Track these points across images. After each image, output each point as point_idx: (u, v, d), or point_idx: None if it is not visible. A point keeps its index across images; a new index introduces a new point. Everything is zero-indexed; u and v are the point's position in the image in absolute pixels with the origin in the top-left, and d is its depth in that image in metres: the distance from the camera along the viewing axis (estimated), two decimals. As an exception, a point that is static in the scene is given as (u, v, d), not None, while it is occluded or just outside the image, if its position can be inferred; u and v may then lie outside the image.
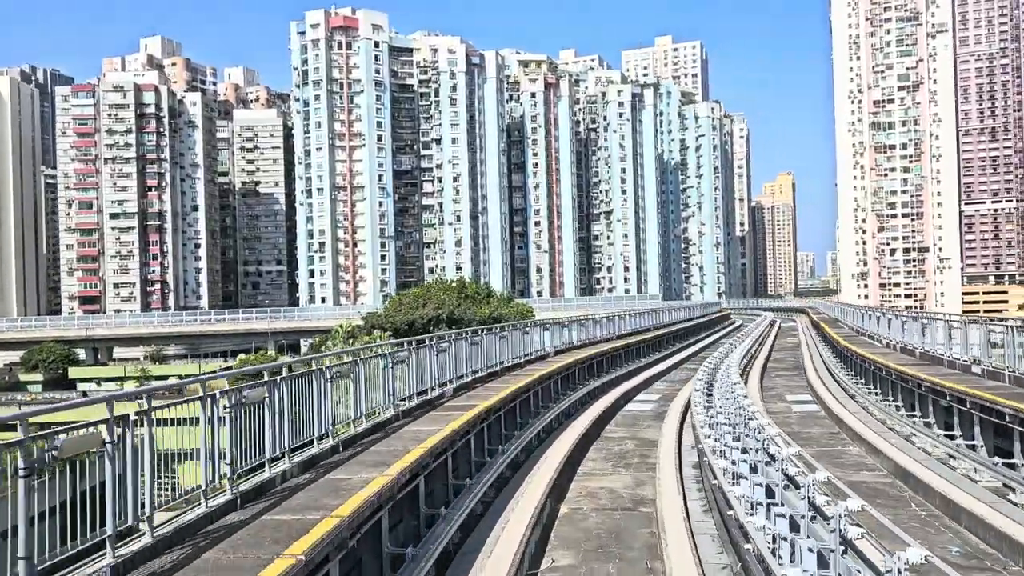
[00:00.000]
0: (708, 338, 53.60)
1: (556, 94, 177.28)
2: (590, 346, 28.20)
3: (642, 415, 21.24)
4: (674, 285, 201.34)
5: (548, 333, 25.61)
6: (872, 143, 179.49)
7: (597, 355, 26.03)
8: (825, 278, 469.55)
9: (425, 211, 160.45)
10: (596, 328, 30.14)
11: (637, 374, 29.67)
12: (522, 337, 24.27)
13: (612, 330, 32.50)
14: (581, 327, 28.91)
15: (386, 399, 13.60)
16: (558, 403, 20.85)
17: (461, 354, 18.07)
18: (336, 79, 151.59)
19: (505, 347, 21.84)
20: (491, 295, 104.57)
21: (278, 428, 9.57)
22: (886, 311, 33.12)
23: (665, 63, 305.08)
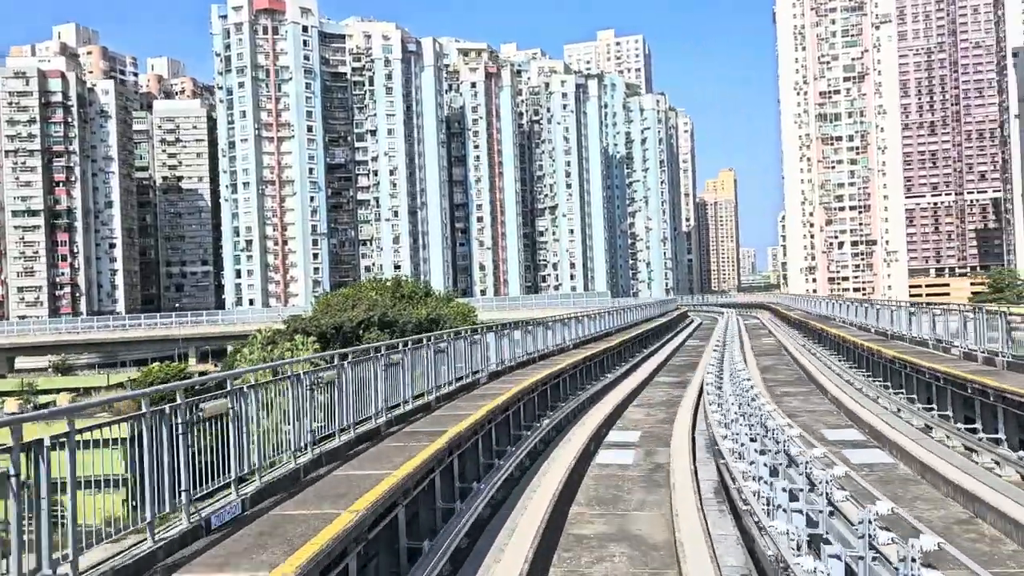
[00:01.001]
0: (672, 340, 46.82)
1: (497, 84, 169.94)
2: (540, 362, 20.80)
3: (624, 477, 13.86)
4: (621, 282, 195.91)
5: (494, 339, 18.13)
6: (819, 135, 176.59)
7: (552, 376, 18.67)
8: (766, 273, 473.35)
9: (360, 206, 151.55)
10: (548, 335, 22.71)
11: (603, 396, 22.46)
12: (468, 348, 16.90)
13: (567, 336, 25.11)
14: (527, 333, 21.41)
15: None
16: (499, 465, 13.37)
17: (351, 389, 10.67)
18: (262, 66, 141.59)
19: (444, 367, 14.66)
20: (429, 294, 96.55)
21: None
22: (901, 302, 26.73)
23: (608, 57, 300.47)
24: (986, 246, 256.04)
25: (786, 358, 34.27)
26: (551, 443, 15.91)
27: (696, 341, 49.15)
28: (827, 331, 30.04)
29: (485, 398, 14.17)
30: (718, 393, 16.89)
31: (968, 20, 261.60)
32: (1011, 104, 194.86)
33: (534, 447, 15.38)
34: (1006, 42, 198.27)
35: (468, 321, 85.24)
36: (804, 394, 23.03)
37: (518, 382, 16.20)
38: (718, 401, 16.19)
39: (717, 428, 13.97)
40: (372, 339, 76.72)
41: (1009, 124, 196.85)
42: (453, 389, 15.01)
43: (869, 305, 28.28)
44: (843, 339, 25.34)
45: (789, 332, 46.75)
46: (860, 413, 17.84)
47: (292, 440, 9.19)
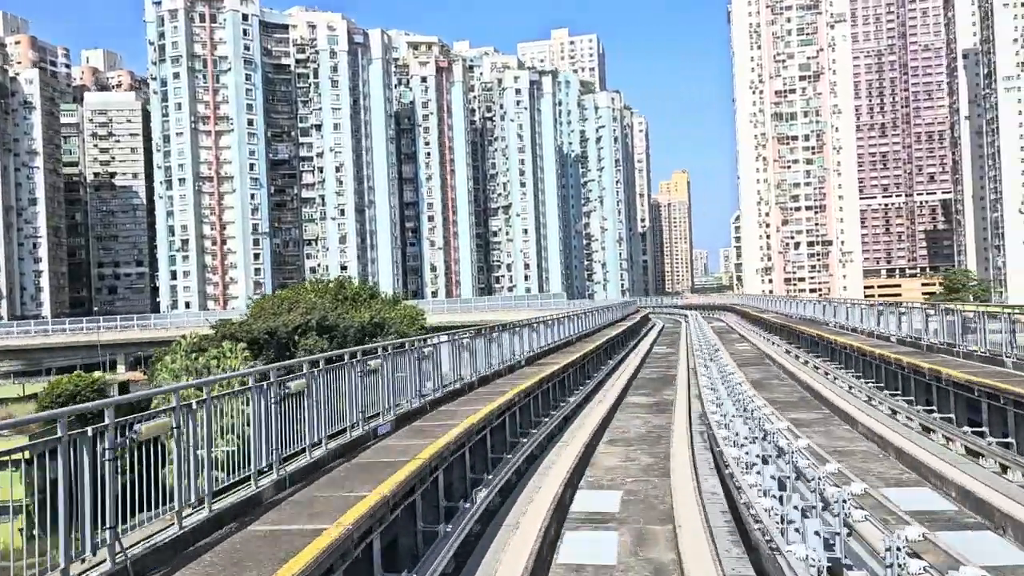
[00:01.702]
0: (638, 347, 41.99)
1: (449, 79, 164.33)
2: (481, 389, 15.52)
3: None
4: (576, 283, 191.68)
5: (412, 364, 12.77)
6: (775, 134, 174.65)
7: (502, 409, 13.37)
8: (719, 275, 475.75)
9: (305, 204, 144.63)
10: (492, 351, 17.39)
11: (565, 429, 17.29)
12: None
13: (518, 350, 19.85)
14: (462, 350, 16.05)
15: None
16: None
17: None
18: (199, 55, 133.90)
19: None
20: (375, 296, 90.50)
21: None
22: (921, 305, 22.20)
23: (562, 56, 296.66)
24: (935, 247, 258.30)
25: (774, 369, 29.58)
26: (492, 522, 10.59)
27: (664, 348, 44.41)
28: (832, 339, 25.39)
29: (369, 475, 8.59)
30: (738, 449, 11.81)
31: (918, 23, 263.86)
32: (961, 106, 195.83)
33: (480, 519, 10.18)
34: (956, 44, 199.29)
35: (416, 325, 79.68)
36: (819, 422, 18.17)
37: (433, 435, 10.80)
38: (745, 461, 11.10)
39: (759, 508, 8.86)
40: (309, 346, 70.61)
41: (960, 126, 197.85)
42: (321, 459, 9.39)
43: (884, 308, 23.66)
44: (861, 351, 20.66)
45: (767, 337, 42.32)
46: (925, 459, 12.94)
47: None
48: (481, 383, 16.08)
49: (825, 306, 33.47)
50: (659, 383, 27.48)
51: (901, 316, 21.19)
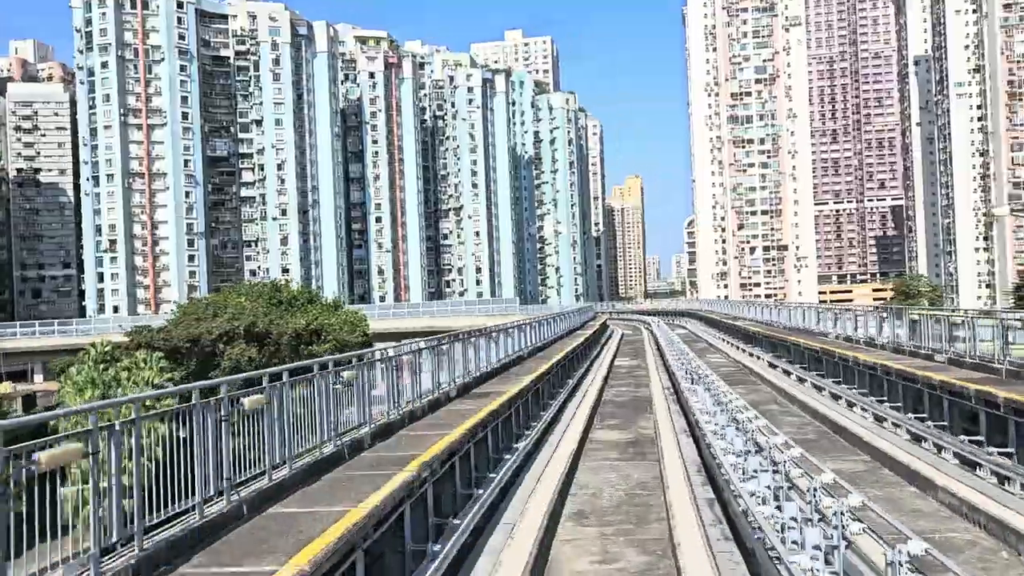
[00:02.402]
0: (600, 360, 36.94)
1: (398, 75, 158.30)
2: (394, 437, 10.08)
3: None
4: (530, 287, 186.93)
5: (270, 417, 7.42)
6: (730, 137, 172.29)
7: (407, 489, 7.95)
8: (671, 280, 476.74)
9: (245, 204, 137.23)
10: (410, 383, 11.89)
11: (510, 496, 11.91)
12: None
13: (457, 373, 14.41)
14: (389, 371, 10.63)
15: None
16: None
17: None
18: (129, 44, 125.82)
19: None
20: (313, 301, 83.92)
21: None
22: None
23: (516, 57, 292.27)
24: (885, 253, 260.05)
25: (764, 389, 24.79)
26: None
27: (628, 360, 39.45)
28: (846, 356, 20.57)
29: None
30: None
31: (868, 31, 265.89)
32: (913, 112, 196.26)
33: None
34: (908, 50, 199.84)
35: (358, 332, 73.54)
36: (862, 474, 13.16)
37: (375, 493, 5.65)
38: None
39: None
40: (235, 355, 64.26)
41: (911, 132, 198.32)
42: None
43: (923, 317, 18.67)
44: (903, 373, 15.71)
45: (741, 347, 37.68)
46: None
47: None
48: (380, 436, 10.69)
49: (821, 314, 28.79)
50: (631, 409, 22.44)
51: (953, 328, 16.45)
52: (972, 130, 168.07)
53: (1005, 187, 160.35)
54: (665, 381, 28.05)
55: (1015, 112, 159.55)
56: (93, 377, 54.42)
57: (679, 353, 32.12)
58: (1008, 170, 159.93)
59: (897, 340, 19.88)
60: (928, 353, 17.46)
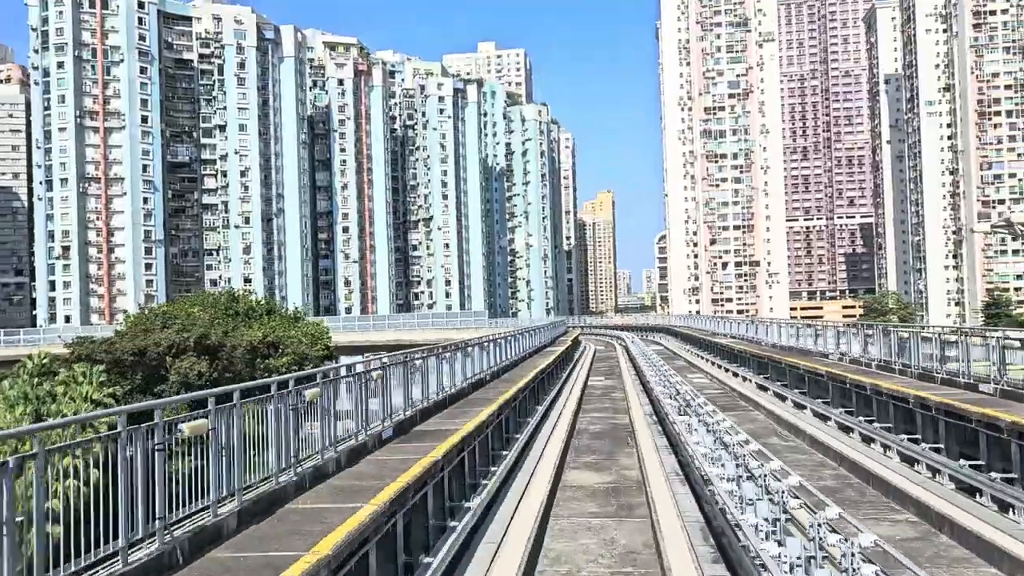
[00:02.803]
0: (572, 380, 33.99)
1: (368, 83, 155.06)
2: (285, 508, 6.97)
3: None
4: (500, 301, 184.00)
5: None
6: (704, 151, 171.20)
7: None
8: (641, 295, 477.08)
9: (207, 211, 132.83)
10: (328, 426, 8.77)
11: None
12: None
13: (388, 411, 11.24)
14: (288, 417, 7.52)
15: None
16: None
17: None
18: (87, 44, 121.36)
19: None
20: (273, 311, 79.95)
21: None
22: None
23: (488, 69, 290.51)
24: (855, 270, 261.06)
25: (760, 418, 21.99)
26: None
27: (602, 379, 36.56)
28: (856, 380, 17.79)
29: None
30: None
31: (839, 50, 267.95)
32: (883, 130, 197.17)
33: None
34: (879, 69, 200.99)
35: (319, 345, 70.04)
36: (914, 545, 10.27)
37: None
38: None
39: None
40: (184, 369, 60.44)
41: (882, 150, 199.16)
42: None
43: (964, 336, 16.00)
44: (952, 408, 12.80)
45: (724, 366, 34.98)
46: None
47: None
48: (261, 513, 7.58)
49: (820, 332, 26.04)
50: (610, 442, 19.51)
51: (1005, 351, 13.66)
52: (942, 148, 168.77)
53: (975, 205, 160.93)
54: (646, 405, 25.18)
55: (985, 131, 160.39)
56: (26, 392, 50.25)
57: (658, 372, 29.28)
58: (978, 188, 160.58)
59: (925, 365, 17.15)
60: (970, 383, 14.71)
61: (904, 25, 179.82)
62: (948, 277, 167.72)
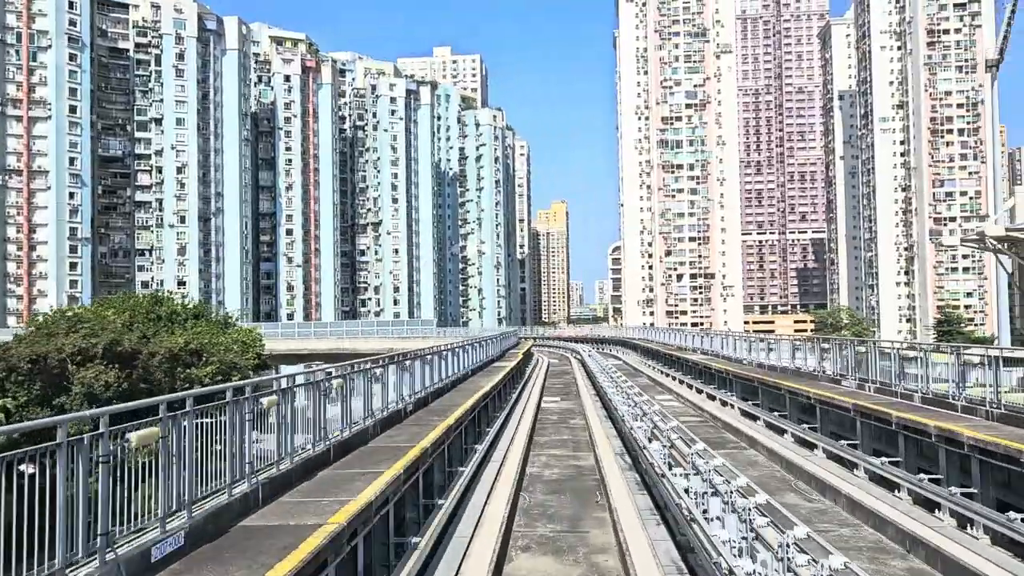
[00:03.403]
0: (523, 402, 29.23)
1: (317, 80, 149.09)
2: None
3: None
4: (450, 309, 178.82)
5: None
6: (660, 161, 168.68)
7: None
8: (594, 306, 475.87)
9: (139, 209, 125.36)
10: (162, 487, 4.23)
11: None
12: None
13: (242, 466, 6.33)
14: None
15: None
16: None
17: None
18: (11, 27, 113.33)
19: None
20: (200, 316, 73.43)
21: None
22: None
23: (444, 74, 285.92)
24: (806, 285, 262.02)
25: (757, 457, 17.53)
26: None
27: (558, 400, 31.89)
28: (907, 419, 13.38)
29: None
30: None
31: (793, 66, 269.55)
32: (837, 146, 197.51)
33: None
34: (833, 85, 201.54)
35: (250, 353, 64.18)
36: None
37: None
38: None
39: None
40: (89, 378, 54.13)
41: (835, 166, 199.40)
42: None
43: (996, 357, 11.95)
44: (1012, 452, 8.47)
45: (694, 385, 30.63)
46: None
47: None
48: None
49: (826, 353, 21.52)
50: (572, 499, 14.81)
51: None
52: (895, 165, 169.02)
53: (927, 222, 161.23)
54: (613, 437, 20.58)
55: (937, 148, 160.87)
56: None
57: (623, 393, 24.74)
58: (929, 205, 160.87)
59: (1003, 403, 12.81)
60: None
61: (859, 42, 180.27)
62: (900, 293, 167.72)
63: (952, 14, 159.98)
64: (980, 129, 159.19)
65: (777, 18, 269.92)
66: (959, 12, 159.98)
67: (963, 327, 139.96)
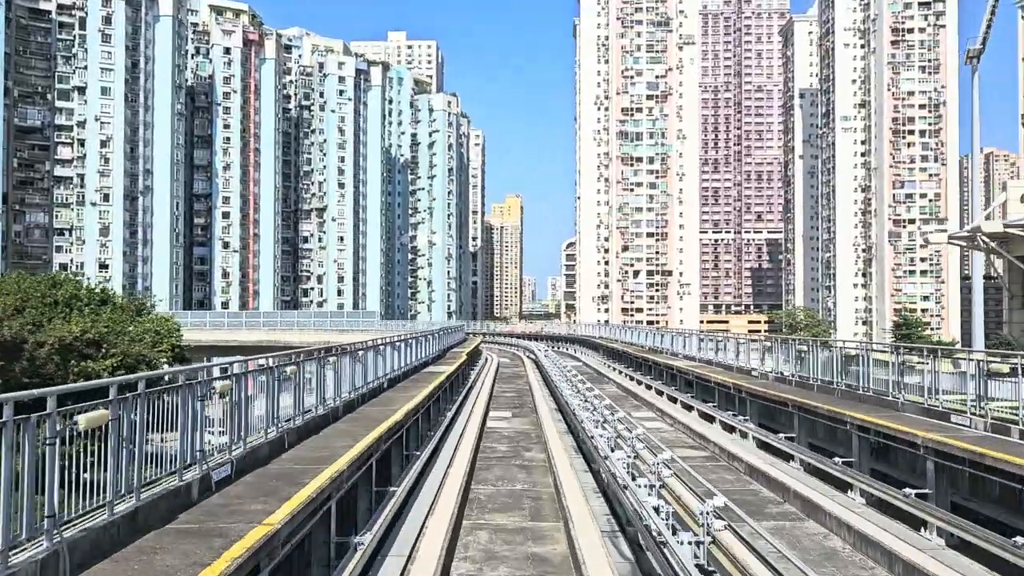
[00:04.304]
0: (463, 417, 22.61)
1: (259, 55, 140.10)
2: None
3: None
4: (398, 301, 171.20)
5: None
6: (619, 153, 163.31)
7: None
8: (546, 302, 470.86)
9: (59, 184, 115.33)
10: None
11: None
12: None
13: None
14: None
15: None
16: None
17: None
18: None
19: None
20: (106, 302, 64.87)
21: None
22: None
23: (399, 60, 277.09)
24: (760, 286, 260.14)
25: (817, 533, 11.23)
26: None
27: (508, 416, 25.28)
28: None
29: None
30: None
31: (753, 64, 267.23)
32: (796, 144, 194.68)
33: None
34: (794, 82, 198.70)
35: (163, 345, 56.26)
36: None
37: None
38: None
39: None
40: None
41: (794, 164, 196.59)
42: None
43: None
44: None
45: (675, 395, 24.43)
46: None
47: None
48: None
49: (911, 361, 15.07)
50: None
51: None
52: (856, 165, 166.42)
53: (886, 224, 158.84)
54: (589, 483, 14.07)
55: (898, 149, 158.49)
56: None
57: (592, 410, 18.28)
58: (889, 207, 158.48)
59: None
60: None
61: (822, 39, 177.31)
62: (857, 296, 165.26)
63: (917, 12, 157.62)
64: (942, 131, 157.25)
65: (738, 15, 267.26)
66: (924, 11, 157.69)
67: (921, 330, 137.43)
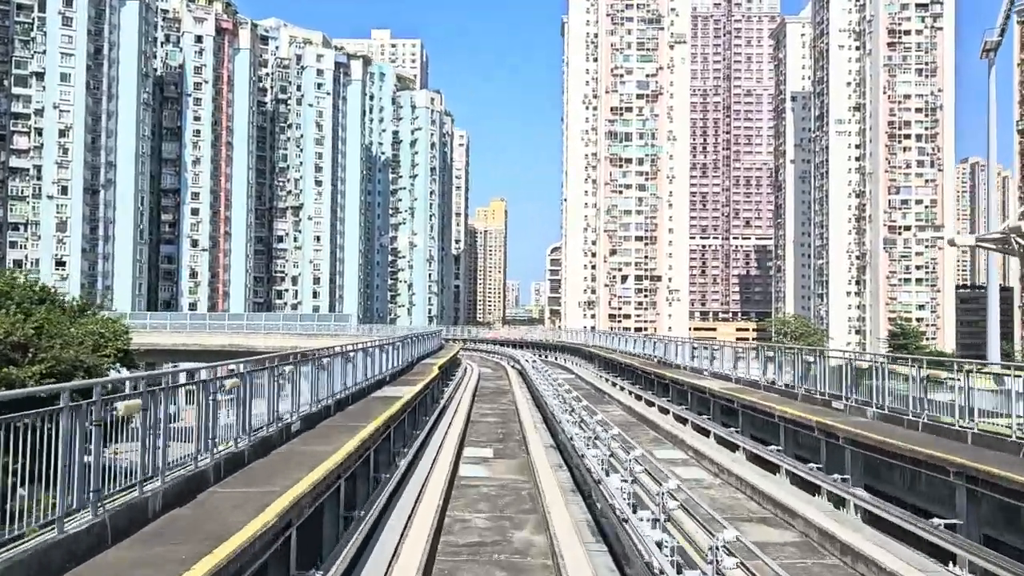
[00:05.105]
0: (423, 464, 16.61)
1: (234, 44, 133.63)
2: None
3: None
4: (377, 304, 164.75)
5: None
6: (608, 154, 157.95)
7: None
8: (529, 307, 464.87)
9: (15, 176, 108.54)
10: None
11: None
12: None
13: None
14: None
15: None
16: None
17: None
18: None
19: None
20: (47, 301, 58.12)
21: None
22: None
23: (382, 58, 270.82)
24: (748, 293, 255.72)
25: None
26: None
27: (487, 453, 19.41)
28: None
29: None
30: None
31: (743, 68, 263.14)
32: (788, 148, 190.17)
33: None
34: (786, 85, 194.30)
35: (108, 349, 49.78)
36: None
37: None
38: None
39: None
40: None
41: (785, 169, 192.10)
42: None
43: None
44: None
45: (707, 426, 18.67)
46: None
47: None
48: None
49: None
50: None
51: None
52: (850, 170, 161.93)
53: (881, 230, 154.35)
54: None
55: (894, 154, 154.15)
56: None
57: (607, 455, 12.32)
58: (884, 213, 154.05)
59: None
60: None
61: (816, 40, 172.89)
62: (850, 304, 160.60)
63: (914, 14, 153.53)
64: (938, 135, 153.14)
65: (728, 18, 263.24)
66: (921, 13, 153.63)
67: (917, 341, 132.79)
